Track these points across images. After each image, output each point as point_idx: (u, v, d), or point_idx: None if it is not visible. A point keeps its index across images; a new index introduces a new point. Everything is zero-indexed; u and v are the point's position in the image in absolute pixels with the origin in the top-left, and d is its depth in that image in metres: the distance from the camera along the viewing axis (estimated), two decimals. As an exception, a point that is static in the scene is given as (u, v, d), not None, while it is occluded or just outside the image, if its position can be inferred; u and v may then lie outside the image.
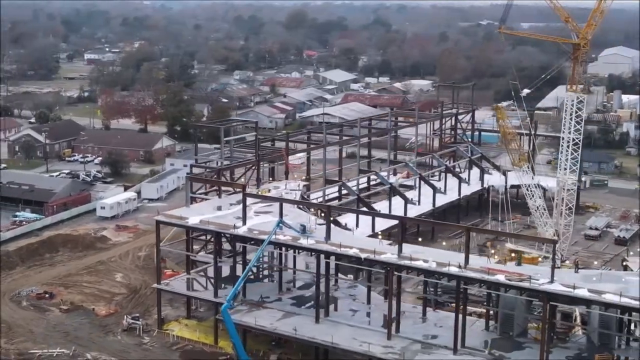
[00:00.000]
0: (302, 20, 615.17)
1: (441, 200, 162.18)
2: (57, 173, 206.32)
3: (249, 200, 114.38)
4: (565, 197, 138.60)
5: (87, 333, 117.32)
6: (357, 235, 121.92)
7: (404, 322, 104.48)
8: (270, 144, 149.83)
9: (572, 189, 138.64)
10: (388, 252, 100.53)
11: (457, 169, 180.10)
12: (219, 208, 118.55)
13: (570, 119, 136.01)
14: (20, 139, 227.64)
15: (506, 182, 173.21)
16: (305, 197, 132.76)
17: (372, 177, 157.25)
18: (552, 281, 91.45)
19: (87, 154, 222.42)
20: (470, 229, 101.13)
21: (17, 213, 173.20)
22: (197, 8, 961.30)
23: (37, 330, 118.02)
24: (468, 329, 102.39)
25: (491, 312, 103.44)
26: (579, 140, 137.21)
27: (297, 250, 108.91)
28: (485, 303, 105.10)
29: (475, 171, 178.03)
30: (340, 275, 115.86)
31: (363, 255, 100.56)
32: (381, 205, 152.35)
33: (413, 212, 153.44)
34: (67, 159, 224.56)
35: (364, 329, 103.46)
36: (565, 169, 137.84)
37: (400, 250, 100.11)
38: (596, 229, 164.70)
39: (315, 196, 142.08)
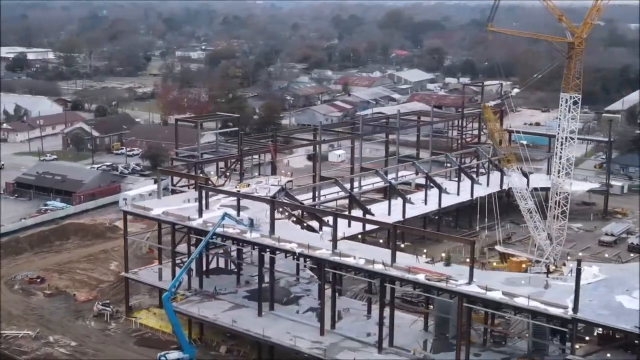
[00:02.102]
0: (398, 19, 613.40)
1: (449, 201, 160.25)
2: (99, 165, 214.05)
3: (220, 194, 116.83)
4: (559, 201, 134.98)
5: (59, 317, 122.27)
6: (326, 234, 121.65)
7: (345, 319, 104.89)
8: (271, 140, 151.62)
9: (565, 192, 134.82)
10: (323, 249, 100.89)
11: (482, 170, 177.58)
12: (188, 201, 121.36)
13: (565, 119, 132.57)
14: (72, 132, 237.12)
15: (528, 185, 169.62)
16: (285, 193, 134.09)
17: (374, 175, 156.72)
18: (469, 282, 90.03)
19: (134, 148, 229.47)
20: (397, 225, 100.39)
21: (48, 202, 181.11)
22: (307, 8, 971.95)
23: (15, 312, 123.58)
24: (407, 329, 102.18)
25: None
26: (574, 142, 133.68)
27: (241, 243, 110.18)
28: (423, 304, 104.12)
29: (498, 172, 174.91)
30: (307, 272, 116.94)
31: (297, 250, 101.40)
32: (381, 206, 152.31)
33: (416, 212, 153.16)
34: (115, 152, 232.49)
35: (303, 324, 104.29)
36: (559, 171, 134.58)
37: (334, 246, 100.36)
38: (612, 235, 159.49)
39: (308, 195, 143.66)
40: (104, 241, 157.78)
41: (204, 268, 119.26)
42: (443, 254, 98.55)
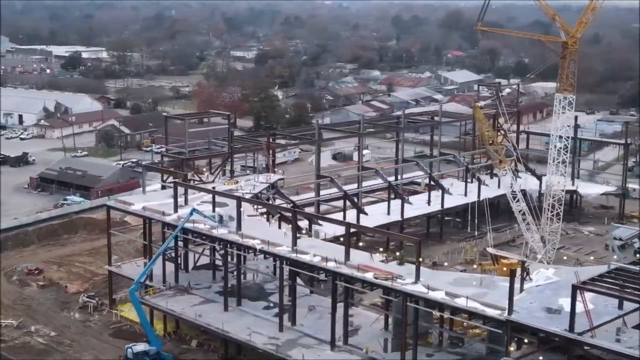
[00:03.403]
0: (458, 20, 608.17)
1: (454, 202, 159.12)
2: (125, 162, 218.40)
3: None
4: (552, 203, 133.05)
5: (46, 308, 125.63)
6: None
7: (309, 316, 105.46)
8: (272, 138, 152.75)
9: (559, 195, 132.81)
10: (284, 246, 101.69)
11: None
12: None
13: (559, 120, 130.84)
14: (103, 129, 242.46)
15: (540, 187, 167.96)
16: (277, 191, 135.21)
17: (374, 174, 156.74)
18: (415, 282, 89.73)
19: (163, 145, 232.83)
20: (351, 224, 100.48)
21: (67, 197, 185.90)
22: (374, 8, 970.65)
23: (5, 302, 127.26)
24: (368, 328, 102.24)
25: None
26: (568, 143, 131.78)
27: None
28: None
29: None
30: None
31: (258, 247, 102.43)
32: (382, 205, 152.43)
33: (416, 212, 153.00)
34: (144, 149, 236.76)
35: (266, 320, 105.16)
36: (554, 173, 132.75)
37: (294, 243, 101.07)
38: (620, 239, 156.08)
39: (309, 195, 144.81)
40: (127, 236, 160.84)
41: (195, 264, 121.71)
42: (397, 253, 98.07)
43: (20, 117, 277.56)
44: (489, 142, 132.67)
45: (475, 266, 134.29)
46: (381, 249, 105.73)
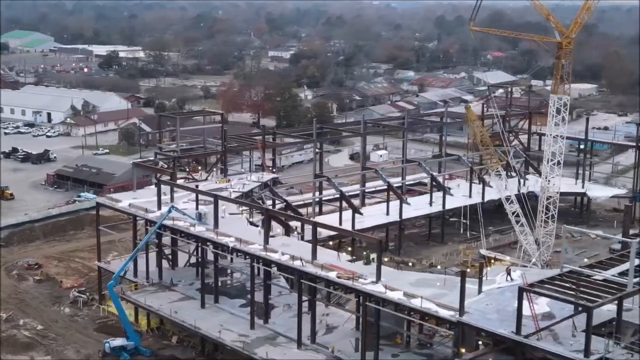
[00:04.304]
0: (499, 20, 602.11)
1: (456, 203, 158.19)
2: (144, 159, 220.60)
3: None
4: (546, 205, 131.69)
5: (38, 302, 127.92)
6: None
7: (283, 315, 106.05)
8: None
9: (553, 197, 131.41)
10: (256, 243, 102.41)
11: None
12: (164, 194, 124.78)
13: (552, 121, 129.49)
14: (125, 127, 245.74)
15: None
16: (270, 189, 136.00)
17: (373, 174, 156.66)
18: (376, 281, 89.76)
19: (183, 143, 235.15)
20: (318, 223, 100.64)
21: (81, 193, 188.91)
22: (421, 8, 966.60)
23: (2, 297, 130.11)
24: (341, 327, 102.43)
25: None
26: (563, 145, 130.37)
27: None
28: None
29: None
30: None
31: (231, 244, 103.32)
32: (383, 206, 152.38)
33: (416, 212, 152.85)
34: (163, 146, 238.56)
35: (240, 318, 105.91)
36: (547, 175, 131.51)
37: (266, 241, 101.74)
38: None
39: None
40: (114, 232, 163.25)
41: (188, 262, 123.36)
42: (364, 253, 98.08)
43: (49, 115, 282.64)
44: (482, 143, 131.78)
45: (468, 268, 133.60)
46: (349, 249, 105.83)
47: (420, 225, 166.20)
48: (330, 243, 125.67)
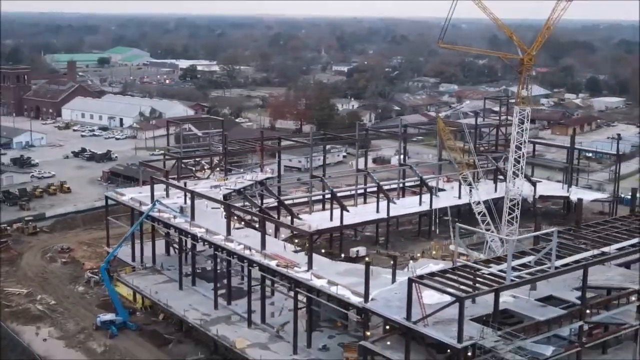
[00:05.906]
0: (549, 36, 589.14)
1: (443, 203, 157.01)
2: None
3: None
4: (509, 207, 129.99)
5: (58, 281, 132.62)
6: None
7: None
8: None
9: (515, 199, 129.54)
10: (220, 234, 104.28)
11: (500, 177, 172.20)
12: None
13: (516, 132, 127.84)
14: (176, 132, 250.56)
15: (535, 192, 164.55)
16: (265, 188, 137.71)
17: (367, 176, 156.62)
18: (307, 270, 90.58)
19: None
20: (265, 217, 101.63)
21: (122, 189, 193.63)
22: (485, 30, 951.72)
23: (30, 275, 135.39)
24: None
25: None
26: (525, 153, 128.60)
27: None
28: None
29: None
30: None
31: (199, 235, 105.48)
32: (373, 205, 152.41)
33: (404, 211, 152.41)
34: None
35: (210, 299, 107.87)
36: (510, 180, 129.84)
37: (228, 233, 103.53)
38: None
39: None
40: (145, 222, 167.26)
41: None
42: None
43: (121, 120, 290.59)
44: (451, 150, 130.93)
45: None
46: (296, 240, 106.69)
47: (415, 222, 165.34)
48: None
